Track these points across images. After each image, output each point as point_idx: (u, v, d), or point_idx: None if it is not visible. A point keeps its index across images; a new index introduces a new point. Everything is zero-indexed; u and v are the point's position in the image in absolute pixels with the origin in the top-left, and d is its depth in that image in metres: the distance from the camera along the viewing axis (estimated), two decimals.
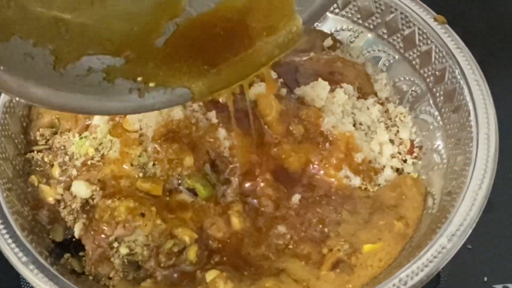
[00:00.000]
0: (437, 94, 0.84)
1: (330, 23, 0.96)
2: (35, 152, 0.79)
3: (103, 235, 0.69)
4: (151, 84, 0.61)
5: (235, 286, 0.68)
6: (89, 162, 0.74)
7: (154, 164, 0.73)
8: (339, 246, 0.71)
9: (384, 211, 0.75)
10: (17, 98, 0.75)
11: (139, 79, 0.61)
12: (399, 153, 0.83)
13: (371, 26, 0.93)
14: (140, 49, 0.61)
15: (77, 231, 0.71)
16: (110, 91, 0.60)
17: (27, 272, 0.66)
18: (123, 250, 0.69)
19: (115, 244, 0.70)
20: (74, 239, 0.73)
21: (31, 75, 0.57)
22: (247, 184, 0.76)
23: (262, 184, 0.76)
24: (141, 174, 0.73)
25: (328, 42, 0.95)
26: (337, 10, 0.95)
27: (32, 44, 0.57)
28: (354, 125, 0.83)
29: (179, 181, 0.74)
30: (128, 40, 0.61)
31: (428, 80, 0.86)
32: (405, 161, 0.83)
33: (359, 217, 0.75)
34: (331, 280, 0.69)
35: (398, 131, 0.85)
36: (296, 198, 0.76)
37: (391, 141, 0.84)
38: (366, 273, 0.69)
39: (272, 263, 0.71)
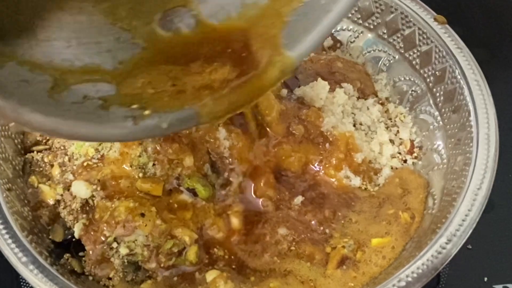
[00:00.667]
0: (437, 94, 0.84)
1: None
2: (35, 152, 0.79)
3: (103, 236, 0.69)
4: (146, 112, 0.59)
5: (235, 286, 0.68)
6: (88, 162, 0.74)
7: (154, 164, 0.73)
8: (343, 243, 0.71)
9: (393, 201, 0.76)
10: (11, 124, 0.75)
11: (134, 106, 0.59)
12: (399, 153, 0.83)
13: (371, 26, 0.93)
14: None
15: (77, 231, 0.71)
16: (105, 118, 0.59)
17: (27, 272, 0.66)
18: (123, 250, 0.69)
19: (115, 245, 0.70)
20: (74, 239, 0.73)
21: (26, 100, 0.55)
22: (248, 185, 0.76)
23: (263, 185, 0.76)
24: (141, 174, 0.73)
25: (328, 42, 0.95)
26: None
27: (28, 69, 0.57)
28: (354, 125, 0.83)
29: (179, 181, 0.74)
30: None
31: (428, 80, 0.86)
32: (405, 161, 0.83)
33: (367, 215, 0.75)
34: (337, 278, 0.69)
35: (398, 131, 0.85)
36: (298, 199, 0.76)
37: (391, 141, 0.84)
38: (370, 269, 0.70)
39: (278, 266, 0.71)
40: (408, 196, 0.76)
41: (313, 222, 0.74)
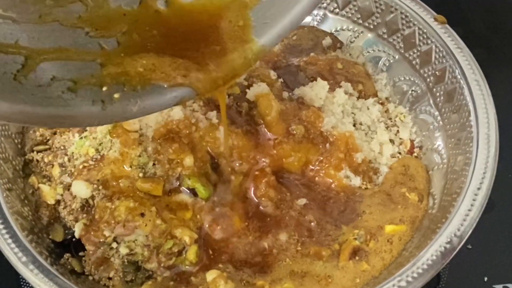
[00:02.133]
0: (437, 94, 0.84)
1: (330, 23, 0.96)
2: (35, 152, 0.79)
3: (103, 235, 0.69)
4: (116, 96, 0.58)
5: (236, 285, 0.68)
6: (89, 163, 0.74)
7: (154, 164, 0.73)
8: (354, 235, 0.72)
9: (401, 181, 0.77)
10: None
11: (104, 88, 0.58)
12: (399, 153, 0.83)
13: (371, 26, 0.93)
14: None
15: (77, 231, 0.71)
16: (71, 102, 0.56)
17: (27, 272, 0.66)
18: (123, 250, 0.69)
19: (115, 245, 0.70)
20: (74, 239, 0.73)
21: None
22: (248, 185, 0.76)
23: (263, 186, 0.75)
24: (141, 174, 0.73)
25: (328, 42, 0.95)
26: (337, 10, 0.95)
27: None
28: (354, 125, 0.83)
29: (179, 181, 0.74)
30: None
31: (428, 80, 0.86)
32: None
33: (380, 206, 0.75)
34: (350, 270, 0.69)
35: (398, 131, 0.85)
36: (302, 201, 0.76)
37: (391, 141, 0.84)
38: (377, 262, 0.70)
39: (294, 267, 0.71)
40: (411, 171, 0.78)
41: (312, 224, 0.74)
